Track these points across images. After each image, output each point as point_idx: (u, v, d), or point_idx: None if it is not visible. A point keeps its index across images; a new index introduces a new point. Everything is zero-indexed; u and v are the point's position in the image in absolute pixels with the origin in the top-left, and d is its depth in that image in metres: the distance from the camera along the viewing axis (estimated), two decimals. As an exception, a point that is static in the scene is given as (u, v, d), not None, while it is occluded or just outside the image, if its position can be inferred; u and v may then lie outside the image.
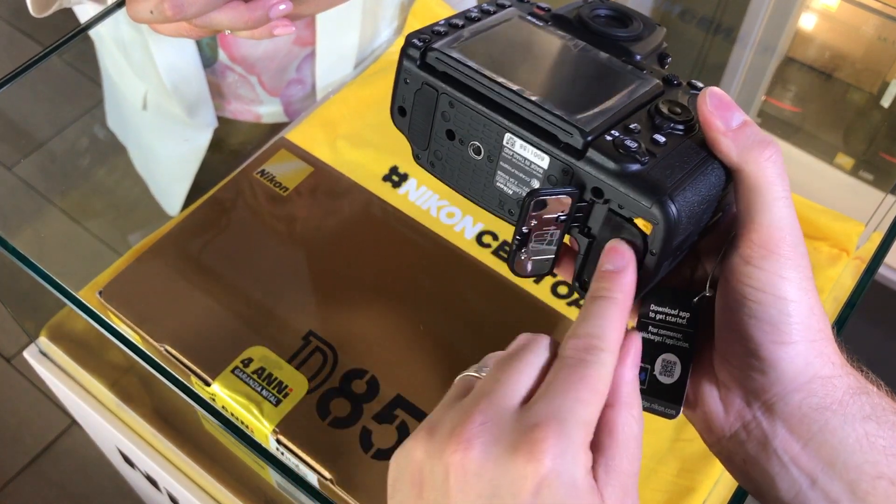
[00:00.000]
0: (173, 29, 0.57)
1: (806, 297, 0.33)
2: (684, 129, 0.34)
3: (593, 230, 0.34)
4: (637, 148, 0.32)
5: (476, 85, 0.35)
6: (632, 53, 0.38)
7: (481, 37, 0.37)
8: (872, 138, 1.25)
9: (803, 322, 0.33)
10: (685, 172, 0.33)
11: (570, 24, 0.39)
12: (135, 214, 1.04)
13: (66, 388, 0.66)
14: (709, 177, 0.33)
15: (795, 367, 0.33)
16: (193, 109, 0.81)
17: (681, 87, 0.37)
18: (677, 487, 0.59)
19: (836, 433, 0.33)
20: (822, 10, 1.21)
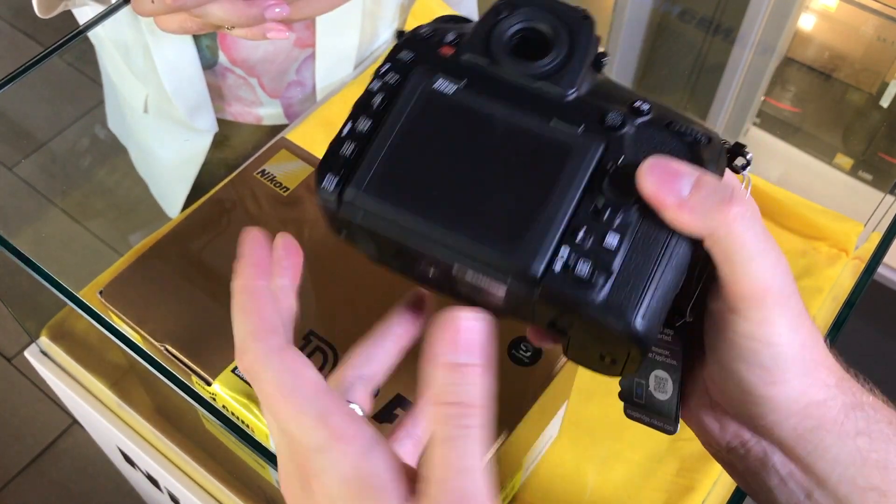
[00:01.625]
0: (176, 23, 0.58)
1: (797, 334, 0.32)
2: (636, 205, 0.30)
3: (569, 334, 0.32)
4: (590, 273, 0.29)
5: (407, 238, 0.32)
6: (560, 100, 0.32)
7: (393, 153, 0.33)
8: (872, 138, 1.25)
9: (796, 359, 0.32)
10: (649, 276, 0.30)
11: (485, 73, 0.33)
12: (135, 214, 1.05)
13: (66, 387, 0.66)
14: (676, 261, 0.30)
15: (789, 399, 0.32)
16: (194, 113, 0.82)
17: (626, 126, 0.32)
18: (677, 487, 0.59)
19: (831, 451, 0.33)
20: (822, 10, 1.21)
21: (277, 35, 0.60)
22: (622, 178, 0.30)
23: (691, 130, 0.31)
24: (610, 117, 0.32)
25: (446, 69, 0.34)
